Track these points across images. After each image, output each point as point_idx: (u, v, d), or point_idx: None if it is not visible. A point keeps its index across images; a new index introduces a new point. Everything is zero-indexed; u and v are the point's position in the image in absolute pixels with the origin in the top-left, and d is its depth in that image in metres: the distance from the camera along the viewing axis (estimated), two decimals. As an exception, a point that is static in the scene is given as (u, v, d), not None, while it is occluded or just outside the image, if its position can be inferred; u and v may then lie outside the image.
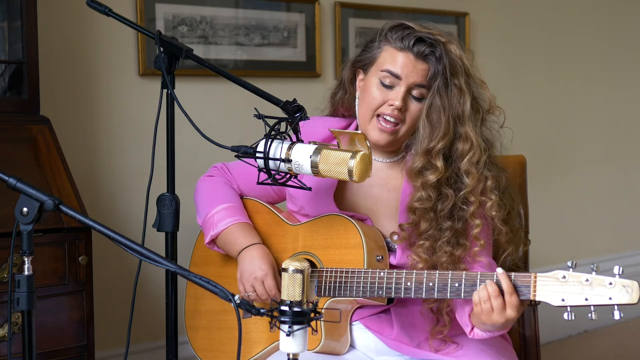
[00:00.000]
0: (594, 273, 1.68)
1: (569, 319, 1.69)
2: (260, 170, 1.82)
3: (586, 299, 1.67)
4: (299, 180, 1.84)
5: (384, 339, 1.99)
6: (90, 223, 1.55)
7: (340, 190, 2.04)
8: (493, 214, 1.91)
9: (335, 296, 1.92)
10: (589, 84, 4.29)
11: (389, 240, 2.01)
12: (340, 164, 1.73)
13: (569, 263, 1.70)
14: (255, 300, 1.99)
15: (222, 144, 1.85)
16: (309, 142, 1.79)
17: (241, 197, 2.17)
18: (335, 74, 3.30)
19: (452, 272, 1.82)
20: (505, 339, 2.09)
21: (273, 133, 1.80)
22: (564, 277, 1.69)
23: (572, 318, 1.68)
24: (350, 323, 2.01)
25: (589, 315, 1.67)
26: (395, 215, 2.00)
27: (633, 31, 4.49)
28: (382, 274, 1.88)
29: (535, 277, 1.73)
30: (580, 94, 4.26)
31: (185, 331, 2.19)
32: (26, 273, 1.53)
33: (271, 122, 1.81)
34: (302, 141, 1.82)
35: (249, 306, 1.46)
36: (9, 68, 2.48)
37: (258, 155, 1.80)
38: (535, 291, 1.72)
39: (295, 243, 2.04)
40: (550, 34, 4.09)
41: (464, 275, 1.81)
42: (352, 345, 2.03)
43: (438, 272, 1.83)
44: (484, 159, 1.92)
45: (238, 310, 1.45)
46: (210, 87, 2.98)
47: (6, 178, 1.55)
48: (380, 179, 2.01)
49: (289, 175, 1.82)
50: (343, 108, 2.11)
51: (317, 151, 1.75)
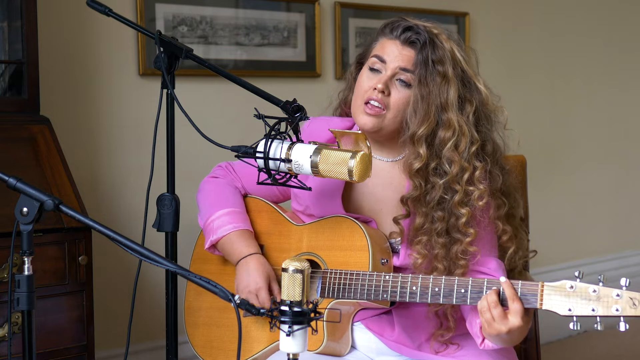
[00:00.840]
0: (601, 284, 1.68)
1: (575, 328, 1.69)
2: (260, 170, 1.82)
3: (593, 310, 1.67)
4: (299, 180, 1.85)
5: (385, 340, 1.99)
6: (90, 223, 1.55)
7: (346, 192, 2.03)
8: (479, 204, 1.89)
9: (339, 298, 1.92)
10: (589, 84, 4.30)
11: (392, 240, 2.01)
12: (340, 164, 1.73)
13: (576, 273, 1.71)
14: None
15: (222, 144, 1.85)
16: (309, 142, 1.79)
17: (245, 196, 2.17)
18: (336, 74, 3.30)
19: (459, 278, 1.82)
20: (505, 339, 2.09)
21: (273, 133, 1.80)
22: (572, 287, 1.70)
23: (578, 328, 1.69)
24: (351, 324, 2.01)
25: (595, 325, 1.68)
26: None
27: (633, 31, 4.49)
28: (388, 277, 1.87)
29: (543, 286, 1.73)
30: (580, 94, 4.26)
31: (184, 328, 2.19)
32: (26, 273, 1.53)
33: (271, 122, 1.81)
34: (302, 141, 1.82)
35: (249, 306, 1.46)
36: (9, 68, 2.48)
37: (258, 155, 1.80)
38: (542, 300, 1.72)
39: (299, 243, 2.04)
40: (550, 34, 4.09)
41: (470, 282, 1.80)
42: (353, 346, 2.02)
43: (444, 278, 1.82)
44: (473, 148, 1.90)
45: (238, 311, 1.45)
46: (210, 87, 2.99)
47: (6, 178, 1.55)
48: (383, 178, 2.01)
49: (289, 175, 1.82)
50: (347, 107, 2.11)
51: (317, 151, 1.75)
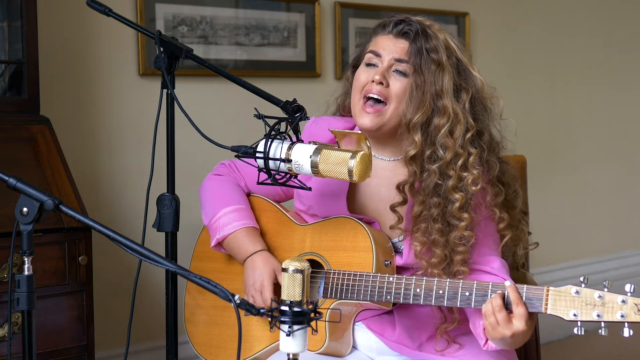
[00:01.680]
0: (606, 290, 1.69)
1: (579, 333, 1.70)
2: (260, 170, 1.82)
3: (598, 315, 1.68)
4: (299, 181, 1.85)
5: (386, 340, 1.99)
6: (90, 223, 1.55)
7: (349, 192, 2.03)
8: (473, 189, 1.89)
9: (341, 299, 1.92)
10: (589, 84, 4.29)
11: (395, 240, 2.01)
12: (340, 164, 1.73)
13: (581, 278, 1.71)
14: None
15: (222, 144, 1.85)
16: (309, 142, 1.79)
17: (248, 195, 2.17)
18: (336, 74, 3.30)
19: (463, 281, 1.82)
20: (505, 339, 2.09)
21: (273, 133, 1.80)
22: (577, 293, 1.70)
23: (582, 333, 1.70)
24: (352, 323, 2.01)
25: (600, 331, 1.68)
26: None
27: (632, 31, 4.49)
28: (392, 278, 1.87)
29: (548, 291, 1.73)
30: (580, 94, 4.26)
31: (184, 327, 2.19)
32: (26, 273, 1.53)
33: (271, 122, 1.81)
34: (302, 141, 1.82)
35: (249, 306, 1.46)
36: (9, 68, 2.48)
37: (258, 155, 1.80)
38: (547, 305, 1.72)
39: (302, 243, 2.04)
40: (550, 34, 4.09)
41: (475, 285, 1.80)
42: (354, 346, 2.02)
43: (449, 280, 1.83)
44: (468, 135, 1.90)
45: (238, 311, 1.45)
46: (210, 87, 2.98)
47: (6, 178, 1.55)
48: (387, 178, 2.01)
49: (289, 175, 1.82)
50: (345, 111, 2.11)
51: (317, 151, 1.75)
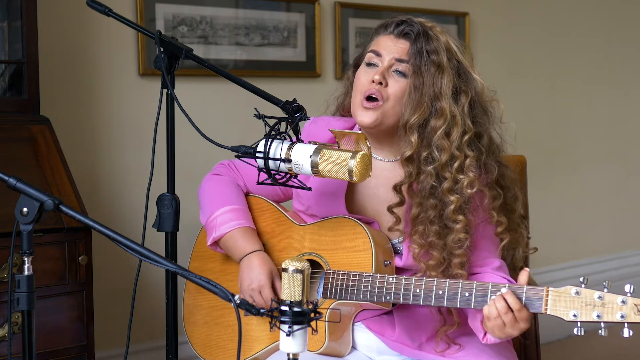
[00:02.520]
0: (605, 290, 1.69)
1: (579, 334, 1.70)
2: (260, 170, 1.82)
3: (598, 316, 1.68)
4: (299, 181, 1.85)
5: (385, 340, 1.99)
6: (90, 223, 1.55)
7: (348, 193, 2.03)
8: (468, 191, 1.89)
9: (341, 299, 1.92)
10: (589, 84, 4.29)
11: (395, 241, 2.01)
12: (340, 164, 1.73)
13: (580, 279, 1.71)
14: None
15: (222, 144, 1.85)
16: (309, 142, 1.79)
17: (247, 195, 2.17)
18: (336, 74, 3.30)
19: (463, 282, 1.82)
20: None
21: (273, 133, 1.80)
22: (577, 293, 1.70)
23: (582, 333, 1.70)
24: (352, 324, 2.01)
25: (600, 331, 1.68)
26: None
27: (633, 31, 4.49)
28: (391, 279, 1.87)
29: (548, 291, 1.73)
30: (580, 94, 4.26)
31: (184, 327, 2.19)
32: (26, 273, 1.53)
33: (271, 122, 1.81)
34: (302, 141, 1.82)
35: (249, 306, 1.46)
36: (9, 68, 2.48)
37: (258, 155, 1.80)
38: (547, 305, 1.73)
39: (301, 243, 2.04)
40: (550, 34, 4.09)
41: (474, 285, 1.80)
42: (353, 346, 2.02)
43: (448, 281, 1.83)
44: (465, 137, 1.90)
45: (238, 311, 1.45)
46: (210, 87, 2.98)
47: (6, 178, 1.55)
48: (386, 179, 2.01)
49: (289, 175, 1.82)
50: (345, 111, 2.11)
51: (317, 151, 1.75)
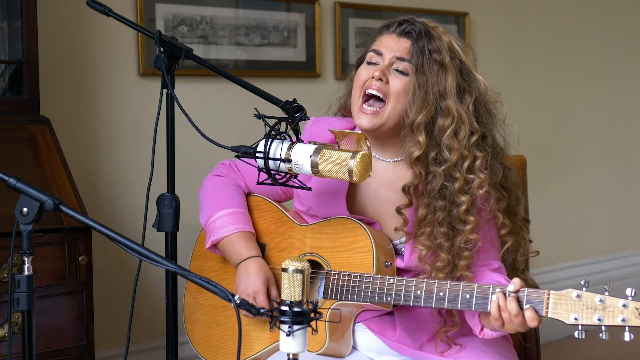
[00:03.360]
0: (606, 294, 1.68)
1: (580, 337, 1.70)
2: (260, 170, 1.82)
3: (599, 319, 1.67)
4: (299, 181, 1.84)
5: (386, 340, 1.99)
6: (90, 223, 1.55)
7: (349, 193, 2.03)
8: (479, 192, 1.89)
9: (342, 299, 1.92)
10: (589, 84, 4.29)
11: (397, 242, 2.01)
12: (340, 164, 1.73)
13: (582, 282, 1.70)
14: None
15: (222, 144, 1.85)
16: (309, 142, 1.79)
17: (248, 195, 2.17)
18: (336, 74, 3.30)
19: (464, 284, 1.81)
20: (506, 339, 2.09)
21: (273, 133, 1.80)
22: (578, 296, 1.69)
23: (583, 337, 1.69)
24: (352, 324, 2.01)
25: (600, 335, 1.68)
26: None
27: (633, 31, 4.49)
28: (392, 280, 1.87)
29: (549, 295, 1.72)
30: (580, 94, 4.26)
31: (184, 326, 2.19)
32: (26, 273, 1.53)
33: (271, 122, 1.81)
34: (302, 141, 1.82)
35: (249, 306, 1.46)
36: (9, 68, 2.48)
37: (258, 155, 1.80)
38: (547, 308, 1.72)
39: (302, 244, 2.04)
40: (550, 34, 4.09)
41: (475, 287, 1.79)
42: (354, 347, 2.02)
43: (449, 283, 1.82)
44: (473, 138, 1.90)
45: (238, 311, 1.45)
46: (210, 87, 2.98)
47: (6, 178, 1.55)
48: (387, 179, 2.01)
49: (289, 175, 1.82)
50: (347, 111, 2.11)
51: (317, 151, 1.75)
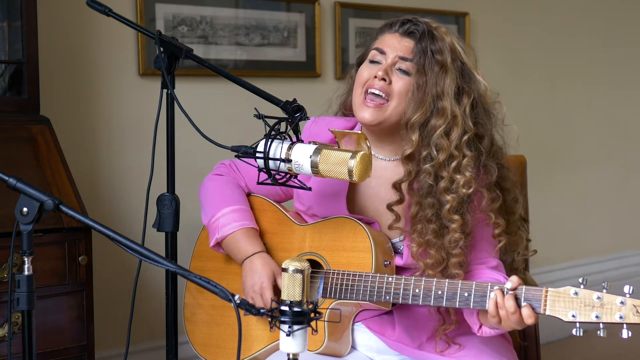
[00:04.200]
0: (604, 291, 1.69)
1: (578, 334, 1.70)
2: (260, 170, 1.82)
3: (597, 317, 1.68)
4: (299, 181, 1.85)
5: (385, 340, 1.99)
6: (90, 223, 1.55)
7: (350, 193, 2.04)
8: (463, 191, 1.89)
9: (340, 298, 1.92)
10: (589, 84, 4.30)
11: (396, 240, 2.01)
12: (340, 164, 1.73)
13: (580, 279, 1.71)
14: None
15: (222, 144, 1.85)
16: (309, 142, 1.79)
17: (248, 195, 2.17)
18: (336, 74, 3.30)
19: (462, 282, 1.81)
20: (505, 339, 2.09)
21: (273, 133, 1.80)
22: (576, 294, 1.70)
23: (581, 334, 1.69)
24: (352, 324, 2.01)
25: (598, 332, 1.68)
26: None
27: (633, 31, 4.49)
28: (391, 279, 1.87)
29: (547, 292, 1.73)
30: (580, 94, 4.26)
31: (184, 326, 2.19)
32: (26, 273, 1.53)
33: (271, 122, 1.81)
34: (302, 141, 1.82)
35: (249, 306, 1.46)
36: (9, 68, 2.48)
37: (258, 155, 1.80)
38: (545, 306, 1.72)
39: (302, 243, 2.04)
40: (550, 34, 4.09)
41: (474, 285, 1.80)
42: (353, 346, 2.02)
43: (448, 281, 1.82)
44: (465, 137, 1.90)
45: (238, 311, 1.45)
46: (210, 87, 2.98)
47: (6, 178, 1.55)
48: (386, 178, 2.01)
49: (289, 175, 1.82)
50: (347, 110, 2.11)
51: (317, 151, 1.75)
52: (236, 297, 1.45)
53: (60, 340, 2.17)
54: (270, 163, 1.79)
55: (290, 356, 1.52)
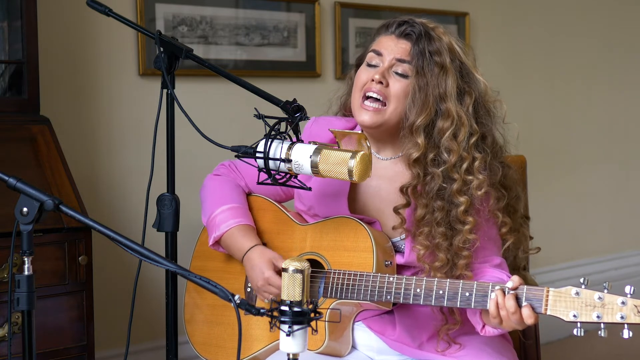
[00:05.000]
0: (605, 291, 1.69)
1: (579, 334, 1.70)
2: (260, 170, 1.82)
3: (598, 317, 1.68)
4: (299, 181, 1.85)
5: (386, 339, 1.99)
6: (90, 223, 1.55)
7: (351, 192, 2.03)
8: (478, 193, 1.89)
9: (341, 298, 1.92)
10: (589, 84, 4.29)
11: (397, 239, 2.01)
12: (340, 164, 1.73)
13: (581, 279, 1.71)
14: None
15: (222, 144, 1.85)
16: (309, 142, 1.79)
17: (249, 194, 2.17)
18: (336, 74, 3.30)
19: (463, 282, 1.81)
20: (505, 339, 2.09)
21: (273, 133, 1.80)
22: (577, 294, 1.70)
23: (582, 334, 1.69)
24: (352, 324, 2.01)
25: (599, 332, 1.68)
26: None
27: (633, 31, 4.49)
28: (392, 278, 1.87)
29: (548, 292, 1.73)
30: (580, 94, 4.26)
31: (184, 326, 2.19)
32: (26, 273, 1.53)
33: (271, 122, 1.81)
34: (302, 141, 1.82)
35: (249, 306, 1.46)
36: (9, 68, 2.48)
37: (258, 155, 1.80)
38: (547, 305, 1.72)
39: (303, 243, 2.04)
40: (550, 34, 4.09)
41: (475, 285, 1.79)
42: (354, 346, 2.02)
43: (449, 281, 1.82)
44: (472, 139, 1.91)
45: (238, 311, 1.45)
46: (210, 87, 2.99)
47: (6, 178, 1.55)
48: (387, 177, 2.01)
49: (289, 175, 1.82)
50: (347, 110, 2.11)
51: (317, 151, 1.75)
52: (236, 297, 1.45)
53: (60, 340, 2.17)
54: (270, 163, 1.79)
55: (290, 356, 1.52)
